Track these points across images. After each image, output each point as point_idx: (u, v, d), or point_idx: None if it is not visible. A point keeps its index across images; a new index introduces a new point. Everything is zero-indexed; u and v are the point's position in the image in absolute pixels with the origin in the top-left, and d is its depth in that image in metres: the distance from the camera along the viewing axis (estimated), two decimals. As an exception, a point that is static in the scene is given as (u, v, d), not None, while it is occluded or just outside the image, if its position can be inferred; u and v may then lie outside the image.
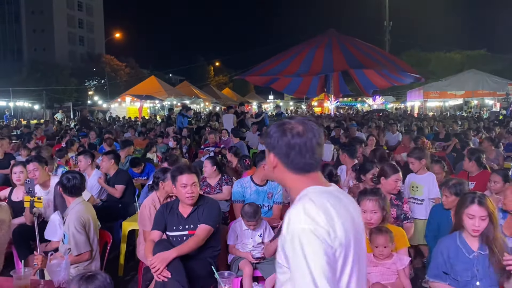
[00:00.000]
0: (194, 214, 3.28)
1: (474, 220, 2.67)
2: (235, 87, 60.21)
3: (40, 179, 4.34)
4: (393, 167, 3.84)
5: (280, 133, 1.51)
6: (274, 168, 1.56)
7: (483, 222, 2.67)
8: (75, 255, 3.24)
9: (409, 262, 2.94)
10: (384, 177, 3.79)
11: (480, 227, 2.68)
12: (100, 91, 43.59)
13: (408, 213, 3.74)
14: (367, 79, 29.34)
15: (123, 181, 5.46)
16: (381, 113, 30.59)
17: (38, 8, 58.94)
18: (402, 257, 2.93)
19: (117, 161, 5.67)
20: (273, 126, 1.57)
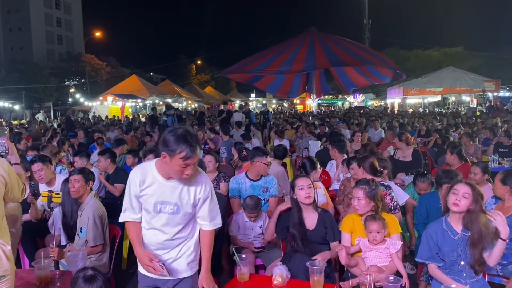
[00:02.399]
0: None
1: (457, 196, 2.98)
2: (217, 86, 60.16)
3: (46, 178, 4.50)
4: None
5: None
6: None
7: (465, 200, 2.97)
8: (91, 246, 3.42)
9: (401, 246, 3.19)
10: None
11: (461, 203, 2.97)
12: (80, 90, 43.06)
13: (390, 204, 3.94)
14: (348, 77, 29.81)
15: (123, 180, 5.55)
16: (362, 110, 31.11)
17: (14, 7, 57.77)
18: (395, 242, 3.18)
19: (113, 159, 5.77)
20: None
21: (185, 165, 2.39)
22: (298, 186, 3.47)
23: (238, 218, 3.88)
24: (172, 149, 2.37)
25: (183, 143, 2.36)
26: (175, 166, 2.40)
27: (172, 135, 2.39)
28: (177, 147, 2.36)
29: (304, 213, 3.53)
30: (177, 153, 2.36)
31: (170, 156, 2.39)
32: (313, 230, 3.48)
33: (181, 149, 2.35)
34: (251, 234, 3.82)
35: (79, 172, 3.66)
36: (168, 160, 2.41)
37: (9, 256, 2.41)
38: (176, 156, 2.37)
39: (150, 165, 2.59)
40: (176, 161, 2.38)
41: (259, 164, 4.37)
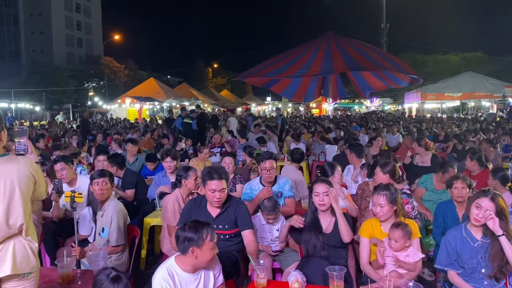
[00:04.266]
0: (223, 215, 3.50)
1: (480, 210, 2.93)
2: (233, 89, 60.42)
3: (68, 177, 4.59)
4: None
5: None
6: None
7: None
8: (113, 246, 3.49)
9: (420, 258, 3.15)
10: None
11: (483, 219, 2.92)
12: (99, 92, 43.71)
13: (411, 213, 3.90)
14: (365, 81, 29.65)
15: (132, 184, 5.56)
16: (378, 114, 30.86)
17: (36, 11, 59.05)
18: (416, 252, 3.14)
19: (119, 165, 5.68)
20: None
21: (212, 191, 2.68)
22: (314, 192, 3.49)
23: (255, 221, 3.89)
24: (200, 238, 2.58)
25: (202, 228, 2.59)
26: (207, 195, 2.64)
27: (191, 228, 2.60)
28: (202, 233, 2.58)
29: (321, 216, 3.53)
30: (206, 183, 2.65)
31: (199, 247, 2.58)
32: (330, 234, 3.47)
33: (207, 233, 2.59)
34: (268, 237, 3.83)
35: (105, 174, 3.74)
36: (199, 252, 2.59)
37: (36, 253, 2.47)
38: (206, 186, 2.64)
39: (171, 264, 2.68)
40: (208, 246, 2.59)
41: (260, 171, 4.39)
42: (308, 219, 3.53)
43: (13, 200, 2.33)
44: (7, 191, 2.31)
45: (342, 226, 3.38)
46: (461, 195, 3.92)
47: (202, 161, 6.95)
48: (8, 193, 2.31)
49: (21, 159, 2.43)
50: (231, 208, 3.53)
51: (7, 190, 2.31)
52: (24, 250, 2.39)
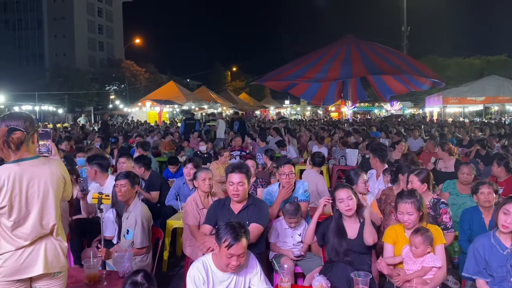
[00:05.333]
0: (244, 211, 3.54)
1: (508, 216, 2.86)
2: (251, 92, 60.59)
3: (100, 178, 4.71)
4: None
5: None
6: None
7: None
8: (137, 248, 3.53)
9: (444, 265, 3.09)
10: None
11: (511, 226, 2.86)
12: (120, 95, 44.36)
13: (449, 223, 3.84)
14: (385, 84, 29.33)
15: (157, 186, 5.64)
16: (399, 118, 30.47)
17: (60, 15, 60.34)
18: (435, 258, 3.09)
19: (146, 166, 5.79)
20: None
21: (230, 255, 2.56)
22: (338, 199, 3.48)
23: (277, 225, 3.90)
24: (219, 237, 2.60)
25: (228, 231, 2.58)
26: (222, 256, 2.60)
27: (223, 224, 2.66)
28: (224, 235, 2.59)
29: (346, 222, 3.51)
30: (222, 242, 2.58)
31: (218, 245, 2.62)
32: (354, 239, 3.45)
33: (226, 237, 2.57)
34: (290, 242, 3.82)
35: (125, 176, 3.79)
36: (217, 250, 2.64)
37: (65, 253, 2.53)
38: (222, 246, 2.58)
39: (208, 260, 2.75)
40: (223, 251, 2.59)
41: (279, 176, 4.38)
42: (332, 225, 3.52)
43: (47, 201, 2.40)
44: (41, 192, 2.38)
45: (367, 228, 3.37)
46: (488, 200, 3.84)
47: (222, 164, 6.98)
48: (42, 194, 2.38)
49: (53, 161, 2.49)
50: (252, 206, 3.59)
51: (41, 191, 2.38)
52: (55, 249, 2.45)
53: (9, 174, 2.28)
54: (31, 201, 2.35)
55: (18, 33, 61.83)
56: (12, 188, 2.27)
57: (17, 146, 2.31)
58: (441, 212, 3.90)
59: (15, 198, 2.29)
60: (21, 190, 2.31)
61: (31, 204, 2.35)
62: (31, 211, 2.35)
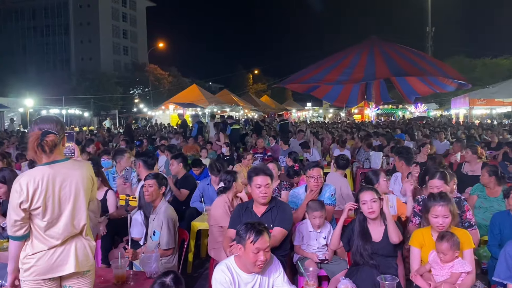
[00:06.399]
0: (267, 214, 3.55)
1: None
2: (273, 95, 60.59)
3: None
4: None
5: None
6: None
7: None
8: (163, 249, 3.58)
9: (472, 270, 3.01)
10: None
11: None
12: (144, 99, 45.02)
13: (472, 220, 3.80)
14: (410, 86, 28.90)
15: (189, 186, 5.76)
16: (424, 120, 29.93)
17: (86, 20, 61.73)
18: (464, 262, 3.02)
19: (185, 162, 6.00)
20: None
21: (256, 250, 2.61)
22: (362, 201, 3.45)
23: (302, 227, 3.88)
24: (242, 237, 2.66)
25: (249, 228, 2.66)
26: (249, 254, 2.63)
27: (242, 225, 2.73)
28: (246, 233, 2.65)
29: (370, 225, 3.48)
30: (246, 239, 2.63)
31: (242, 244, 2.66)
32: (379, 242, 3.42)
33: (249, 234, 2.64)
34: (315, 245, 3.80)
35: (153, 177, 3.85)
36: (242, 251, 2.68)
37: (93, 251, 2.60)
38: (247, 243, 2.63)
39: (231, 262, 2.79)
40: (249, 248, 2.63)
41: (307, 179, 4.35)
42: (356, 227, 3.49)
43: (78, 201, 2.48)
44: (73, 193, 2.45)
45: (391, 226, 3.34)
46: None
47: (246, 166, 7.00)
48: (74, 195, 2.45)
49: (82, 163, 2.56)
50: (276, 208, 3.59)
51: (73, 192, 2.45)
52: (85, 249, 2.52)
53: (43, 176, 2.35)
54: (64, 202, 2.43)
55: (46, 39, 63.57)
56: (46, 189, 2.35)
57: (50, 149, 2.38)
58: (465, 209, 3.86)
59: (49, 199, 2.36)
60: (54, 191, 2.38)
61: (63, 204, 2.43)
62: (63, 211, 2.43)
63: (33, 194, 2.32)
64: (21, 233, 2.35)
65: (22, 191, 2.30)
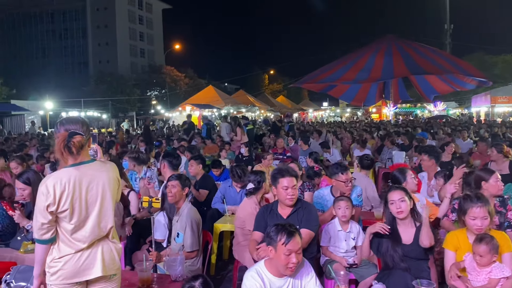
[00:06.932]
0: (293, 215, 3.46)
1: None
2: (289, 95, 60.43)
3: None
4: (488, 170, 3.85)
5: None
6: None
7: None
8: (187, 251, 3.52)
9: (510, 274, 2.87)
10: (484, 181, 3.77)
11: None
12: (161, 100, 45.34)
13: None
14: (428, 84, 28.49)
15: (208, 186, 5.72)
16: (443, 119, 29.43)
17: (103, 23, 62.49)
18: (503, 267, 2.89)
19: (204, 163, 5.98)
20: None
21: (288, 252, 2.52)
22: (390, 200, 3.34)
23: (330, 227, 3.76)
24: (273, 239, 2.58)
25: (280, 230, 2.58)
26: (280, 257, 2.55)
27: (272, 227, 2.66)
28: (276, 235, 2.57)
29: (400, 227, 3.35)
30: (277, 241, 2.55)
31: (273, 246, 2.58)
32: (410, 245, 3.29)
33: (280, 236, 2.56)
34: (344, 247, 3.67)
35: (177, 177, 3.80)
36: (273, 254, 2.60)
37: (120, 254, 2.54)
38: (278, 245, 2.55)
39: (261, 268, 2.70)
40: (280, 250, 2.55)
41: (337, 183, 4.22)
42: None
43: (105, 204, 2.42)
44: (100, 195, 2.40)
45: (425, 229, 3.21)
46: None
47: (266, 167, 6.92)
48: (100, 197, 2.40)
49: (108, 164, 2.51)
50: (301, 209, 3.50)
51: (100, 194, 2.40)
52: (111, 252, 2.47)
53: (69, 178, 2.30)
54: (91, 204, 2.37)
55: (64, 42, 64.56)
56: (73, 192, 2.29)
57: (77, 150, 2.33)
58: (508, 208, 3.72)
59: (76, 202, 2.31)
60: (81, 193, 2.33)
61: (90, 207, 2.37)
62: (90, 214, 2.37)
63: (60, 197, 2.26)
64: (48, 236, 2.30)
65: (49, 193, 2.25)
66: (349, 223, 3.73)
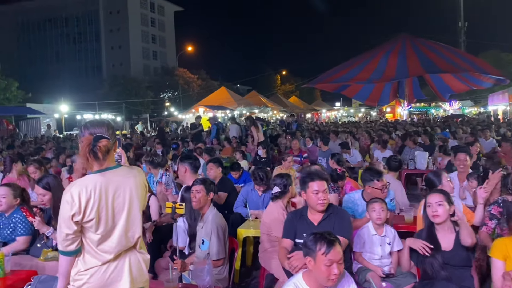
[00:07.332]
0: (325, 222, 3.27)
1: None
2: (301, 95, 60.15)
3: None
4: None
5: None
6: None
7: None
8: (214, 259, 3.36)
9: None
10: None
11: None
12: (174, 102, 45.43)
13: None
14: (444, 83, 28.02)
15: (226, 189, 5.56)
16: (460, 118, 28.91)
17: (115, 26, 62.82)
18: None
19: (222, 166, 5.82)
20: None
21: (329, 262, 2.38)
22: (427, 203, 3.15)
23: (363, 232, 3.54)
24: (311, 249, 2.44)
25: (318, 239, 2.44)
26: (320, 268, 2.39)
27: (309, 236, 2.52)
28: (315, 245, 2.43)
29: (439, 232, 3.15)
30: (317, 251, 2.40)
31: (312, 257, 2.43)
32: (450, 251, 3.09)
33: (319, 246, 2.41)
34: (379, 253, 3.45)
35: (201, 182, 3.64)
36: (312, 265, 2.44)
37: (148, 266, 2.39)
38: (318, 255, 2.40)
39: (299, 281, 2.54)
40: (320, 261, 2.39)
41: (372, 191, 4.02)
42: (423, 235, 3.17)
43: (132, 212, 2.27)
44: (127, 203, 2.24)
45: (464, 227, 3.04)
46: None
47: (286, 169, 6.73)
48: (128, 205, 2.25)
49: (135, 169, 2.36)
50: (333, 215, 3.31)
51: (127, 202, 2.24)
52: (139, 263, 2.32)
53: (95, 185, 2.14)
54: (118, 213, 2.22)
55: (78, 46, 65.05)
56: (99, 200, 2.14)
57: (103, 155, 2.17)
58: None
59: (102, 210, 2.15)
60: (108, 201, 2.17)
61: (117, 216, 2.22)
62: (117, 223, 2.22)
63: (85, 205, 2.10)
64: (73, 247, 2.15)
65: (74, 202, 2.09)
66: (384, 226, 3.53)
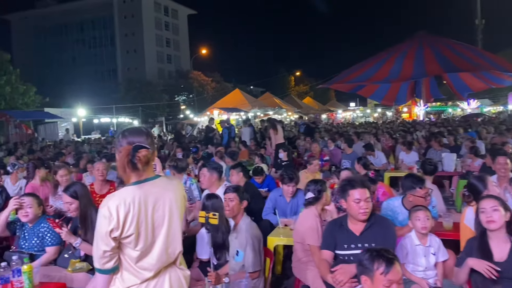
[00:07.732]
0: (368, 232, 3.09)
1: None
2: (316, 96, 59.78)
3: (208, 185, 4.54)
4: None
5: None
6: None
7: None
8: (249, 272, 3.20)
9: None
10: None
11: None
12: (189, 105, 45.55)
13: None
14: (462, 81, 27.48)
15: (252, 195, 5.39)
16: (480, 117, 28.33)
17: (130, 31, 63.35)
18: None
19: (246, 173, 5.66)
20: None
21: (389, 283, 2.19)
22: (481, 208, 2.95)
23: (406, 242, 3.34)
24: (367, 268, 2.27)
25: (375, 257, 2.27)
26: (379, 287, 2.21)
27: (365, 254, 2.35)
28: (372, 264, 2.25)
29: (492, 241, 2.94)
30: (375, 271, 2.22)
31: (369, 276, 2.25)
32: (504, 262, 2.87)
33: (377, 265, 2.23)
34: (423, 264, 3.26)
35: (234, 190, 3.49)
36: (368, 285, 2.26)
37: (188, 283, 2.24)
38: (376, 275, 2.22)
39: None
40: (379, 281, 2.20)
41: (414, 199, 3.81)
42: (475, 243, 2.97)
43: (172, 226, 2.12)
44: (167, 217, 2.10)
45: None
46: None
47: (312, 173, 6.55)
48: (167, 218, 2.10)
49: (174, 180, 2.22)
50: (375, 225, 3.13)
51: (167, 215, 2.10)
52: (179, 280, 2.17)
53: (133, 197, 1.99)
54: (157, 227, 2.07)
55: (94, 50, 65.78)
56: (138, 213, 1.99)
57: (143, 166, 2.03)
58: None
59: (142, 225, 2.01)
60: (147, 215, 2.02)
61: (157, 230, 2.07)
62: (156, 238, 2.07)
63: (124, 220, 1.96)
64: (110, 265, 2.01)
65: (112, 216, 1.94)
66: (428, 236, 3.33)
